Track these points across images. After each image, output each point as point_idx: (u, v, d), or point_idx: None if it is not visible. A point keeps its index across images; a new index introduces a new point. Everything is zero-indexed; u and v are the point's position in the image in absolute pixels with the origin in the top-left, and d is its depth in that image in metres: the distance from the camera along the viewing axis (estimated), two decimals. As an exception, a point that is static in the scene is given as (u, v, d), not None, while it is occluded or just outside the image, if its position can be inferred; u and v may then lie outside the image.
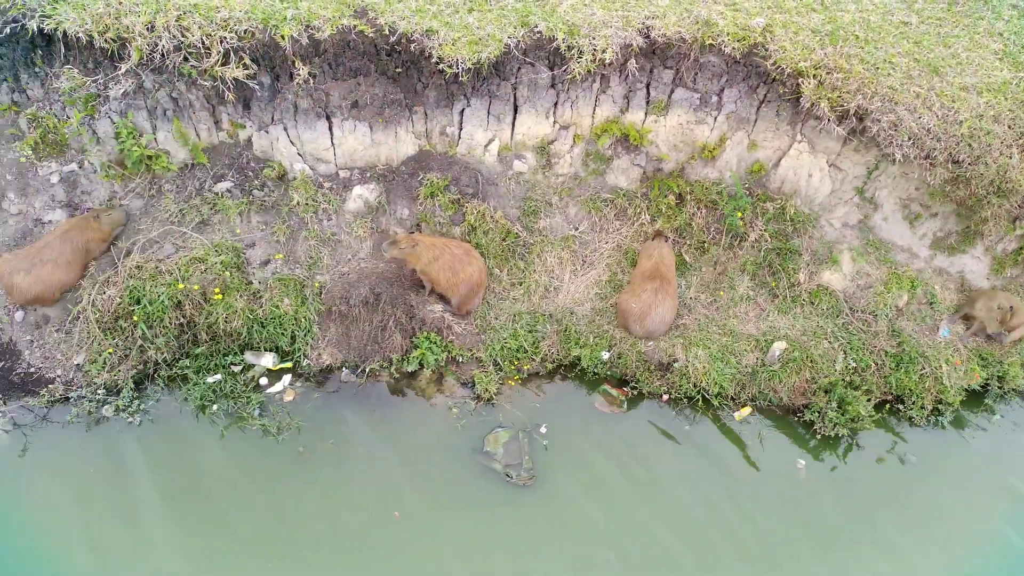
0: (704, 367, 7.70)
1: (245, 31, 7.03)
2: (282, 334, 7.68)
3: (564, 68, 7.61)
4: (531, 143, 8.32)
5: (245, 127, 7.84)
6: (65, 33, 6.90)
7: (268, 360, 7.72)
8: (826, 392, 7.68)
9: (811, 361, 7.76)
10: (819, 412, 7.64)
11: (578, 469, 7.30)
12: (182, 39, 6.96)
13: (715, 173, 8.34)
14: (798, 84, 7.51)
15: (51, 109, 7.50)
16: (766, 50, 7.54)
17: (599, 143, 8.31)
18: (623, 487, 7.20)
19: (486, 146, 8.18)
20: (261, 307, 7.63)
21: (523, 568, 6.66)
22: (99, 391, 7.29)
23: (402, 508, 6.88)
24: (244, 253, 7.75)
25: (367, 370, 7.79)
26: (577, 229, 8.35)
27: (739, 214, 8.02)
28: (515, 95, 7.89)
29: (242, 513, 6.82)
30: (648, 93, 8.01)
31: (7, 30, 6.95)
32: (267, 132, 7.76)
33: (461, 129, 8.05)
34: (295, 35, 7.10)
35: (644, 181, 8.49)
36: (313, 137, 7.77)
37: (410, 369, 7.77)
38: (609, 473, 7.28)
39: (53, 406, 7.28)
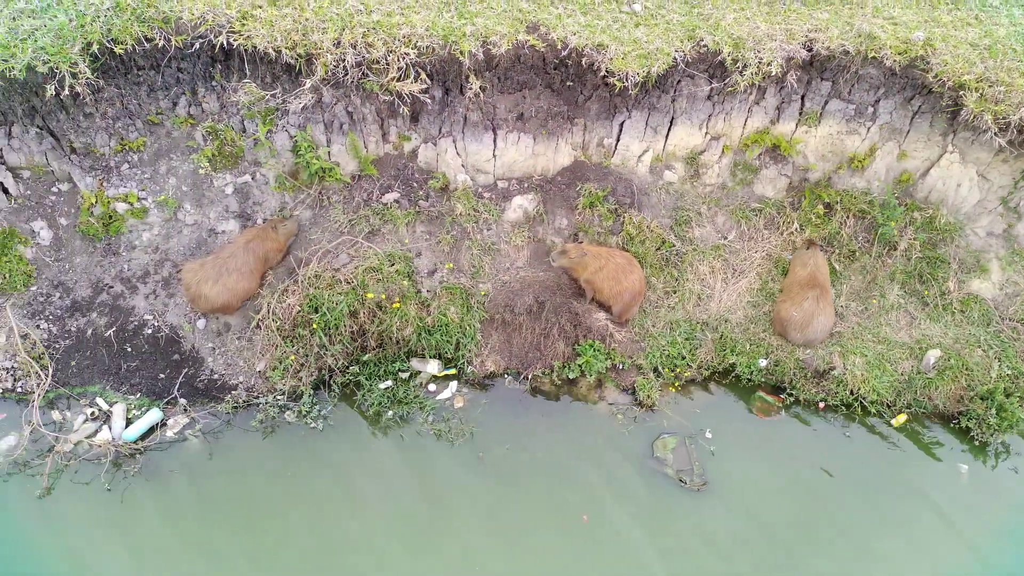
0: (862, 374, 7.85)
1: (427, 47, 7.20)
2: (447, 341, 7.86)
3: (725, 81, 7.75)
4: (681, 153, 8.47)
5: (410, 139, 8.02)
6: (250, 49, 7.09)
7: (433, 367, 7.91)
8: (983, 399, 7.81)
9: (967, 369, 7.90)
10: (977, 419, 7.77)
11: (747, 474, 7.46)
12: (366, 55, 7.13)
13: (863, 182, 8.46)
14: (958, 96, 7.63)
15: (228, 122, 7.69)
16: (927, 63, 7.65)
17: (748, 154, 8.45)
18: (795, 493, 7.37)
19: (640, 156, 8.33)
20: (429, 315, 7.82)
21: (710, 571, 6.84)
22: (280, 397, 7.50)
23: (587, 511, 7.08)
24: (412, 262, 7.93)
25: (529, 377, 7.99)
26: (726, 238, 8.50)
27: (892, 223, 8.15)
28: (673, 107, 8.04)
29: (430, 517, 7.02)
30: (802, 104, 8.14)
31: (196, 45, 7.14)
32: (434, 144, 7.94)
33: (618, 140, 8.21)
34: (473, 51, 7.26)
35: (790, 190, 8.63)
36: (478, 149, 7.94)
37: (571, 376, 7.94)
38: (779, 479, 7.45)
39: (236, 412, 7.50)
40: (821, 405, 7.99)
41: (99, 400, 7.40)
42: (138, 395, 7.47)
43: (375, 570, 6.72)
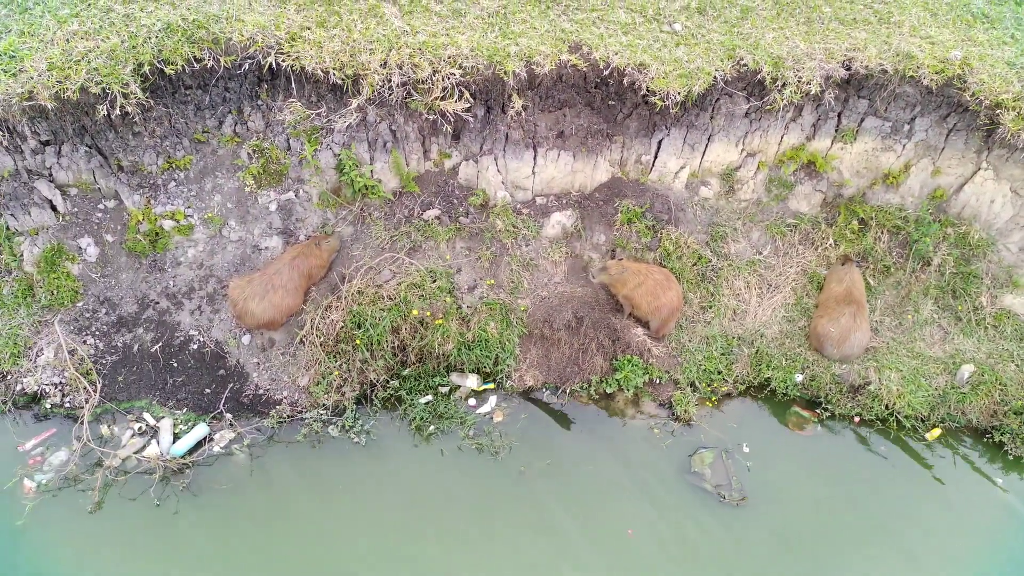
0: (897, 389, 7.94)
1: (471, 67, 7.28)
2: (487, 356, 7.95)
3: (763, 99, 7.84)
4: (716, 170, 8.56)
5: (451, 156, 8.11)
6: (298, 69, 7.18)
7: (472, 381, 8.01)
8: (1017, 414, 7.90)
9: (1001, 384, 7.98)
10: (1011, 433, 7.86)
11: (785, 489, 7.55)
12: (412, 75, 7.22)
13: (897, 198, 8.55)
14: (995, 115, 7.70)
15: (273, 141, 7.78)
16: (963, 82, 7.73)
17: (784, 170, 8.54)
18: (832, 507, 7.46)
19: (676, 173, 8.42)
20: (470, 330, 7.91)
21: (750, 586, 6.96)
22: (323, 412, 7.60)
23: (628, 526, 7.17)
24: (453, 278, 8.02)
25: (567, 391, 8.08)
26: (761, 253, 8.59)
27: (926, 239, 8.23)
28: (711, 124, 8.12)
29: (473, 531, 7.12)
30: (839, 121, 8.22)
31: (244, 66, 7.23)
32: (475, 161, 8.03)
33: (656, 157, 8.30)
34: (517, 70, 7.35)
35: (824, 206, 8.71)
36: (518, 166, 8.03)
37: (609, 390, 8.04)
38: (817, 493, 7.54)
39: (281, 426, 7.60)
40: (856, 420, 8.08)
41: (146, 415, 7.50)
42: (184, 410, 7.57)
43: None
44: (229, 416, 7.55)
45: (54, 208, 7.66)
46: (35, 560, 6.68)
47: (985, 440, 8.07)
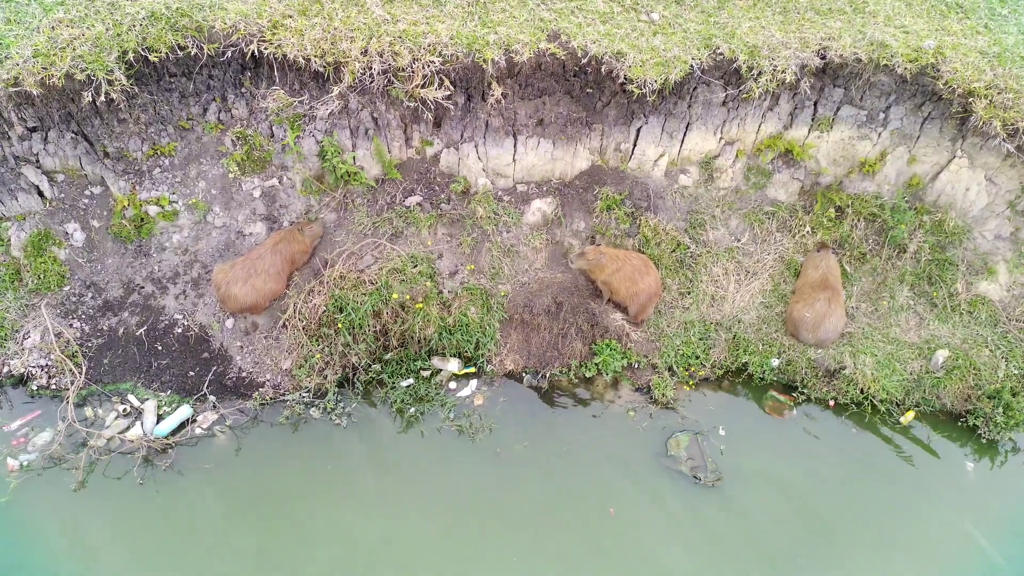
0: (872, 374, 8.05)
1: (451, 55, 7.41)
2: (468, 341, 8.07)
3: (740, 87, 7.95)
4: (695, 158, 8.68)
5: (433, 144, 8.23)
6: (280, 57, 7.30)
7: (454, 365, 8.13)
8: (990, 398, 8.00)
9: (975, 369, 8.09)
10: (984, 417, 7.97)
11: (760, 471, 7.66)
12: (392, 63, 7.35)
13: (873, 186, 8.66)
14: (968, 103, 7.82)
15: (257, 128, 7.91)
16: (937, 70, 7.84)
17: (761, 158, 8.65)
18: (806, 489, 7.57)
19: (655, 161, 8.54)
20: (450, 315, 8.03)
21: (724, 564, 7.06)
22: (305, 394, 7.72)
23: (604, 507, 7.28)
24: (434, 264, 8.15)
25: (547, 375, 8.20)
26: (739, 241, 8.70)
27: (902, 226, 8.35)
28: (689, 113, 8.24)
29: (450, 511, 7.24)
30: (815, 110, 8.34)
31: (227, 53, 7.36)
32: (456, 149, 8.15)
33: (635, 145, 8.42)
34: (496, 58, 7.47)
35: (802, 194, 8.83)
36: (499, 153, 8.15)
37: (588, 375, 8.16)
38: (791, 475, 7.65)
39: (263, 408, 7.72)
40: (832, 404, 8.19)
41: (131, 397, 7.63)
42: (168, 392, 7.70)
43: (398, 562, 6.91)
44: (212, 398, 7.68)
45: (41, 194, 7.80)
46: (19, 535, 6.81)
47: (959, 424, 8.18)
